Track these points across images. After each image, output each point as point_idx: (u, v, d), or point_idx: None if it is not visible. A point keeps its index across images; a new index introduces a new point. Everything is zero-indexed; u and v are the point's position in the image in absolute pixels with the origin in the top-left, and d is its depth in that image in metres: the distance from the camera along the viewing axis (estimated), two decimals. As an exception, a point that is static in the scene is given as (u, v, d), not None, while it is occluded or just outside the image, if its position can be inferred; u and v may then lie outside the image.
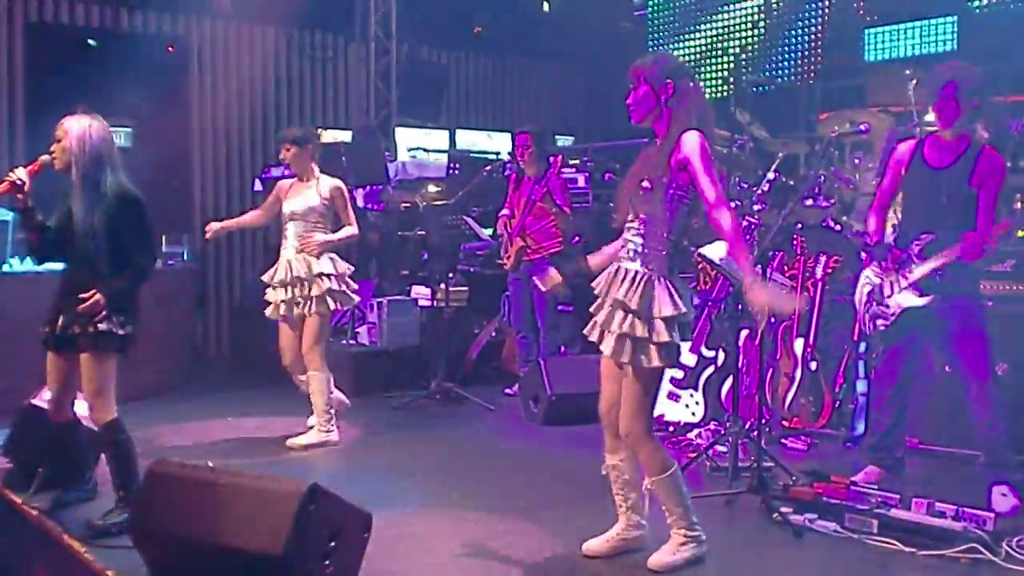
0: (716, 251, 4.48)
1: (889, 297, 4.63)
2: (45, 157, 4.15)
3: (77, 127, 4.11)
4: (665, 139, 3.57)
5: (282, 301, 5.72)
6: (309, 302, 5.67)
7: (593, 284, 3.78)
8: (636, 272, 3.59)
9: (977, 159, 4.47)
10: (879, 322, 4.73)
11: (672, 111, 3.56)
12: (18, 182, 4.02)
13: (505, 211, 7.08)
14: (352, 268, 5.93)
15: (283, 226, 5.84)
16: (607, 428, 3.89)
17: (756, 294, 3.48)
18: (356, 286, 5.98)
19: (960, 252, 4.33)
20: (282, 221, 5.84)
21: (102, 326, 4.10)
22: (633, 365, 3.59)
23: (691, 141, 3.50)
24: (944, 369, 4.97)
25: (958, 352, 4.57)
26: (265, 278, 5.84)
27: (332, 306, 5.74)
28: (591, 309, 3.80)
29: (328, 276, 5.69)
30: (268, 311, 5.84)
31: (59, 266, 4.36)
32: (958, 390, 4.67)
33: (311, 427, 5.84)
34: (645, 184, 3.54)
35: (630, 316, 3.56)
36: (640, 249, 3.61)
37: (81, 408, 4.51)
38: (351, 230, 5.83)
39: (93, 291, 4.08)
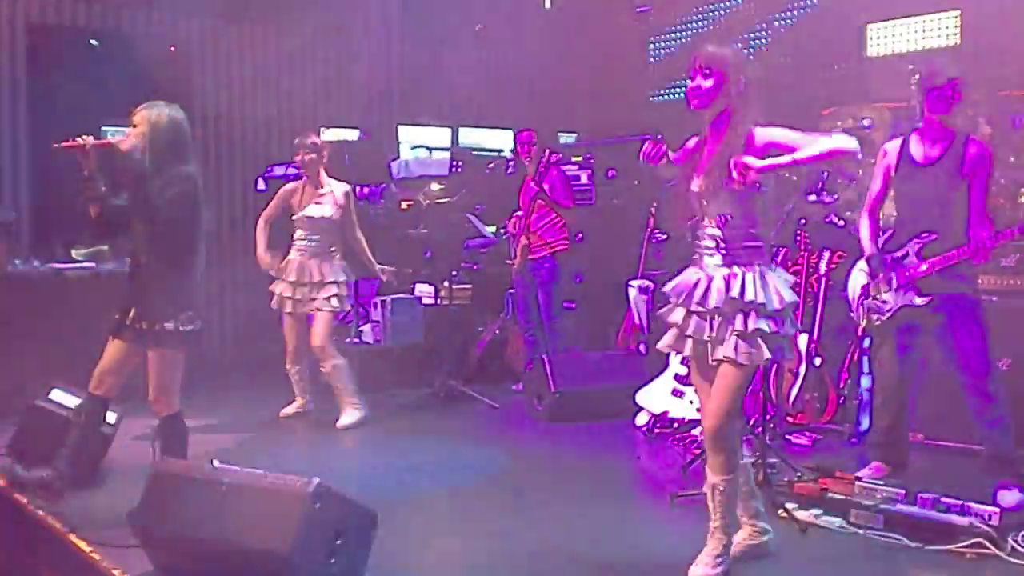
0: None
1: (886, 292, 4.65)
2: (114, 138, 4.25)
3: (153, 114, 4.17)
4: (730, 136, 3.50)
5: (288, 297, 6.16)
6: (316, 302, 6.12)
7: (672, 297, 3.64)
8: (744, 271, 3.49)
9: (965, 149, 4.50)
10: (874, 316, 4.74)
11: (737, 107, 3.51)
12: (83, 144, 4.06)
13: (520, 211, 7.09)
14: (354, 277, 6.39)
15: (294, 228, 6.23)
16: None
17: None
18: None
19: (970, 254, 4.38)
20: (293, 224, 6.23)
21: (168, 325, 4.16)
22: (756, 362, 3.47)
23: (762, 129, 3.49)
24: (946, 364, 4.97)
25: (956, 347, 4.56)
26: (273, 271, 6.22)
27: (337, 307, 6.17)
28: (673, 319, 3.63)
29: (337, 283, 6.14)
30: (273, 301, 6.24)
31: (72, 265, 4.34)
32: (960, 384, 4.66)
33: (299, 411, 6.35)
34: (732, 184, 3.41)
35: (757, 314, 3.45)
36: (729, 248, 3.51)
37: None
38: (362, 237, 6.28)
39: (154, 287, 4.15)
